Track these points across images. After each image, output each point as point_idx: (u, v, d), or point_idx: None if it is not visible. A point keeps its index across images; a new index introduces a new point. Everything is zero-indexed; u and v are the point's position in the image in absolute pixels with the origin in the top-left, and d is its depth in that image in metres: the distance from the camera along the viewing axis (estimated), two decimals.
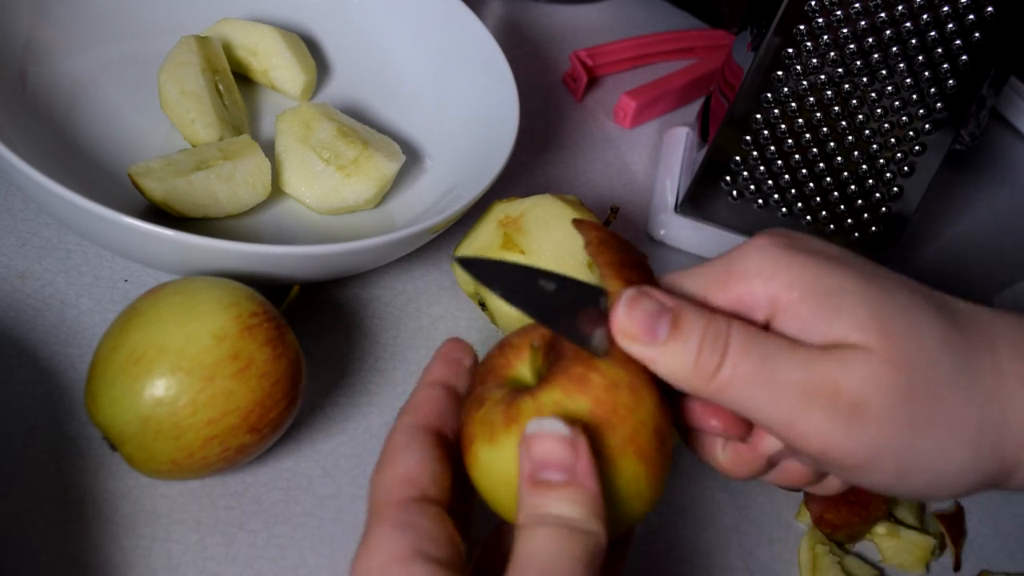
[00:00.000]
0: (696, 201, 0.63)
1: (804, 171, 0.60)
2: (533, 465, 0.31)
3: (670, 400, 0.36)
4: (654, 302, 0.33)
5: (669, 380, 0.33)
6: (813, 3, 0.54)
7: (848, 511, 0.51)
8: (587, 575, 0.30)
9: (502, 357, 0.36)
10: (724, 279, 0.35)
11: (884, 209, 0.61)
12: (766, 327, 0.34)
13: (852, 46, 0.56)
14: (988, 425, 0.33)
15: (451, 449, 0.35)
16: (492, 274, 0.35)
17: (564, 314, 0.34)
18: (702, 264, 0.36)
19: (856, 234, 0.62)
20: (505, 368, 0.36)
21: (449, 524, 0.33)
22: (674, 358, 0.33)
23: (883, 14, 0.54)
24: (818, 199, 0.61)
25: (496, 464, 0.34)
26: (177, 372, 0.40)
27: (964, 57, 0.55)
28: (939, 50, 0.55)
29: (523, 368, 0.36)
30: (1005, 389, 0.33)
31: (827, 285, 0.33)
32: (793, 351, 0.33)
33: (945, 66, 0.56)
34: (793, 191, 0.61)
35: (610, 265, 0.36)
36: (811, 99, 0.58)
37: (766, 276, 0.34)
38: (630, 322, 0.33)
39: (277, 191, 0.56)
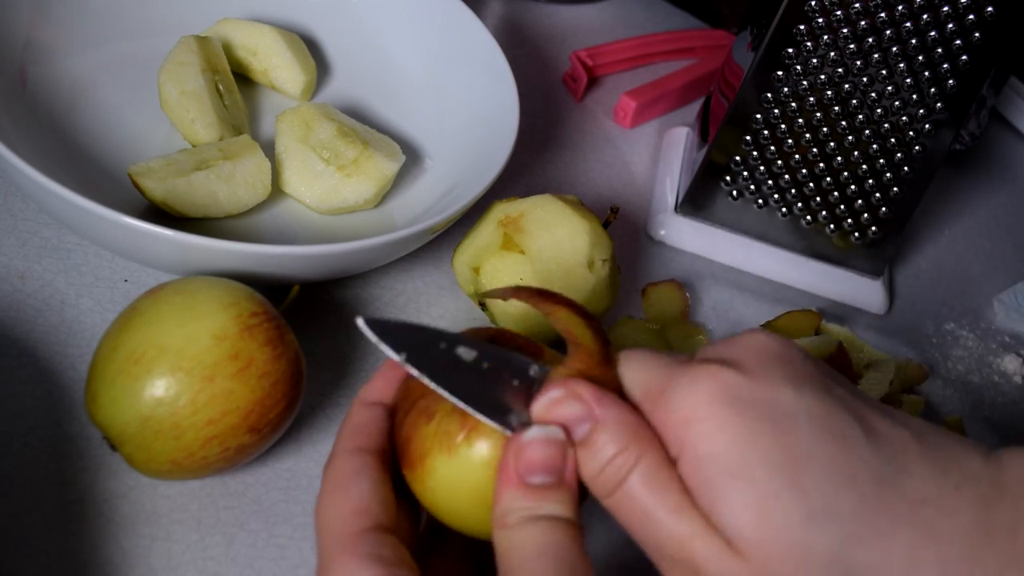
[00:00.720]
0: (696, 201, 0.63)
1: (804, 171, 0.60)
2: (524, 468, 0.32)
3: None
4: (576, 408, 0.33)
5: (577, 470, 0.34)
6: (813, 3, 0.54)
7: None
8: (584, 561, 0.31)
9: None
10: (660, 393, 0.33)
11: (884, 209, 0.61)
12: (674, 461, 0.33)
13: (852, 46, 0.56)
14: None
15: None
16: (401, 340, 0.33)
17: (481, 387, 0.33)
18: (661, 356, 0.35)
19: (856, 234, 0.63)
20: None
21: (405, 551, 0.33)
22: (582, 460, 0.33)
23: (883, 14, 0.54)
24: (818, 199, 0.61)
25: (457, 475, 0.34)
26: (177, 372, 0.40)
27: (964, 57, 0.55)
28: (939, 50, 0.55)
29: None
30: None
31: (732, 463, 0.31)
32: (679, 514, 0.32)
33: (945, 66, 0.56)
34: (793, 191, 0.61)
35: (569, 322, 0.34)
36: (811, 99, 0.58)
37: (684, 419, 0.32)
38: (545, 417, 0.33)
39: (277, 191, 0.56)
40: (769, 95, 0.58)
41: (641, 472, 0.32)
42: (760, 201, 0.62)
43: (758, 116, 0.59)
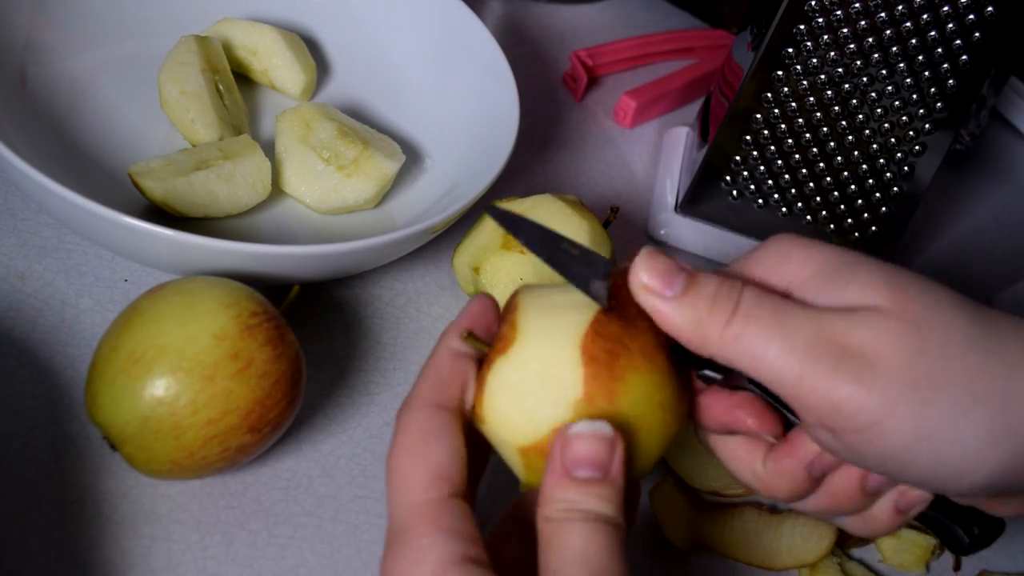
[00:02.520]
0: (696, 201, 0.63)
1: (804, 171, 0.60)
2: (569, 461, 0.32)
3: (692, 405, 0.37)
4: (671, 260, 0.34)
5: (680, 335, 0.34)
6: (813, 3, 0.54)
7: None
8: (621, 564, 0.31)
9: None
10: (744, 264, 0.35)
11: (884, 209, 0.61)
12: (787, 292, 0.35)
13: (852, 46, 0.56)
14: (1016, 392, 0.31)
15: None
16: (519, 225, 0.37)
17: (575, 265, 0.36)
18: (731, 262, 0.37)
19: (856, 234, 0.62)
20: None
21: (474, 520, 0.33)
22: (686, 311, 0.33)
23: (883, 14, 0.54)
24: (818, 199, 0.61)
25: (511, 381, 0.34)
26: (177, 372, 0.40)
27: (964, 57, 0.55)
28: (939, 50, 0.55)
29: None
30: None
31: (841, 260, 0.34)
32: (804, 308, 0.33)
33: (945, 66, 0.56)
34: (793, 191, 0.61)
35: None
36: (811, 99, 0.58)
37: (782, 256, 0.34)
38: (647, 274, 0.33)
39: (277, 191, 0.56)
40: (769, 95, 0.58)
41: (750, 290, 0.33)
42: (760, 201, 0.62)
43: (758, 116, 0.59)
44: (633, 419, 0.34)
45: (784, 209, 0.62)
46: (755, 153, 0.60)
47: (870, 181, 0.60)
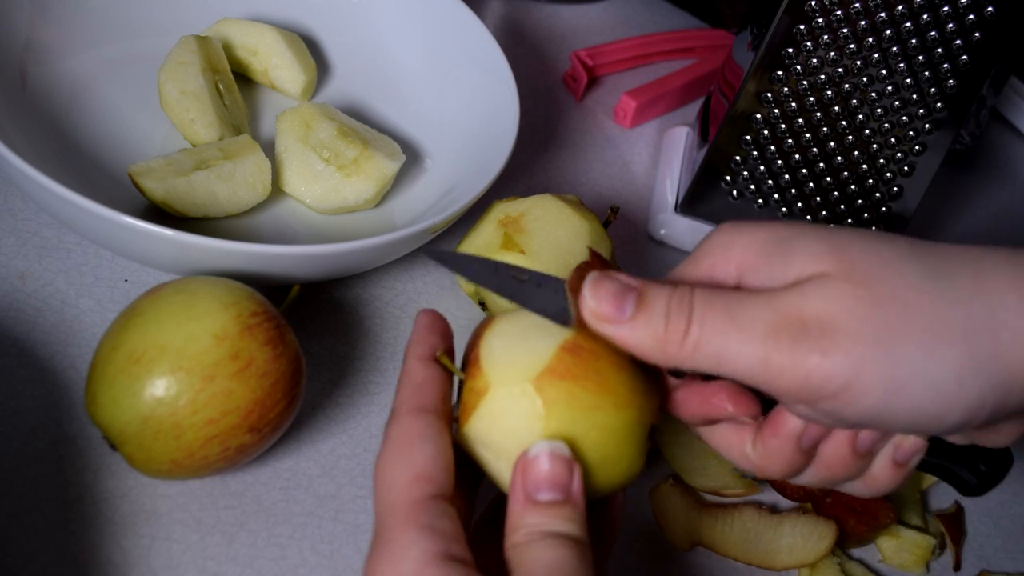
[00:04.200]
0: (696, 201, 0.63)
1: (804, 171, 0.60)
2: (531, 485, 0.33)
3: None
4: (618, 282, 0.34)
5: (642, 355, 0.34)
6: (813, 3, 0.54)
7: (856, 520, 0.51)
8: (592, 573, 0.32)
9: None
10: (692, 262, 0.36)
11: (884, 209, 0.61)
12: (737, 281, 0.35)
13: (852, 46, 0.56)
14: (976, 323, 0.32)
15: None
16: (464, 266, 0.38)
17: (531, 294, 0.36)
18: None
19: None
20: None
21: (459, 524, 0.33)
22: (644, 330, 0.33)
23: (883, 14, 0.54)
24: (818, 199, 0.61)
25: (490, 417, 0.35)
26: (177, 372, 0.40)
27: (964, 57, 0.55)
28: (939, 50, 0.55)
29: None
30: (988, 284, 0.32)
31: (781, 234, 0.34)
32: (755, 296, 0.33)
33: (945, 66, 0.56)
34: (793, 191, 0.61)
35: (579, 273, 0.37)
36: (811, 99, 0.58)
37: (726, 245, 0.35)
38: (597, 302, 0.34)
39: (277, 191, 0.56)
40: (769, 95, 0.58)
41: (701, 292, 0.33)
42: (760, 200, 0.62)
43: (758, 116, 0.59)
44: (589, 436, 0.35)
45: (784, 209, 0.62)
46: (755, 153, 0.60)
47: (870, 181, 0.60)
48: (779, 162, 0.60)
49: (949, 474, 0.39)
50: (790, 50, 0.56)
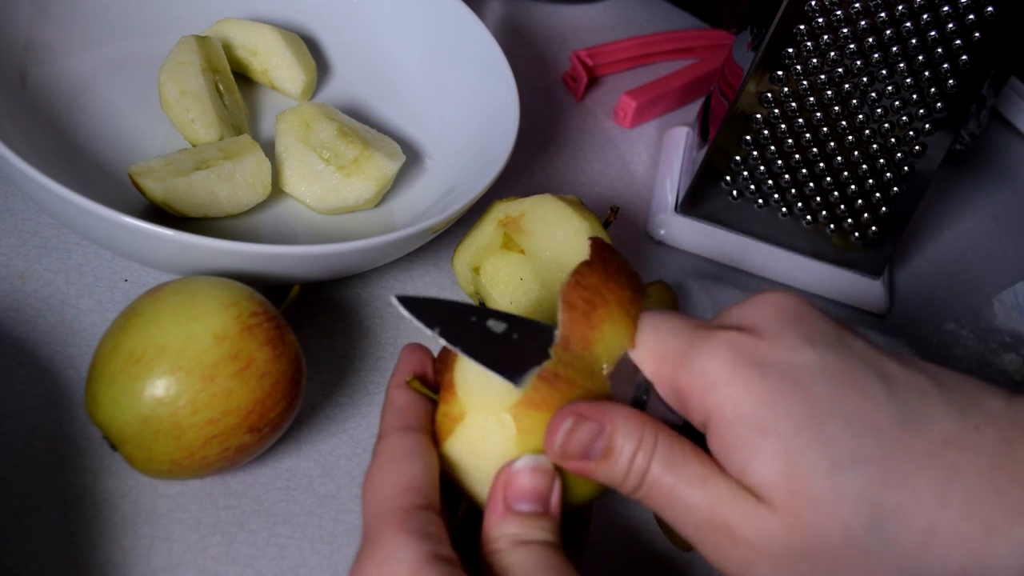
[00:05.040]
0: (696, 201, 0.63)
1: (804, 171, 0.60)
2: (512, 495, 0.34)
3: None
4: (590, 428, 0.34)
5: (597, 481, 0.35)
6: (813, 3, 0.54)
7: None
8: (573, 571, 0.34)
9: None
10: (681, 359, 0.34)
11: (884, 209, 0.61)
12: (704, 427, 0.34)
13: (852, 46, 0.56)
14: None
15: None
16: (432, 316, 0.36)
17: (506, 351, 0.35)
18: (685, 319, 0.36)
19: (856, 234, 0.62)
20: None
21: (444, 529, 0.34)
22: (606, 472, 0.34)
23: (883, 14, 0.54)
24: (818, 199, 0.61)
25: (466, 447, 0.36)
26: (177, 372, 0.40)
27: (964, 57, 0.55)
28: (939, 50, 0.55)
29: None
30: (936, 547, 0.31)
31: (760, 421, 0.32)
32: (704, 483, 0.33)
33: (945, 66, 0.56)
34: (793, 191, 0.61)
35: (572, 313, 0.36)
36: (811, 99, 0.58)
37: (710, 384, 0.33)
38: (566, 448, 0.34)
39: (277, 191, 0.56)
40: (769, 95, 0.58)
41: (660, 456, 0.34)
42: (760, 201, 0.62)
43: (758, 116, 0.59)
44: None
45: (784, 209, 0.62)
46: (755, 153, 0.60)
47: (870, 181, 0.60)
48: (779, 162, 0.60)
49: None
50: (790, 50, 0.56)
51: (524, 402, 0.35)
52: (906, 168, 0.60)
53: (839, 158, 0.60)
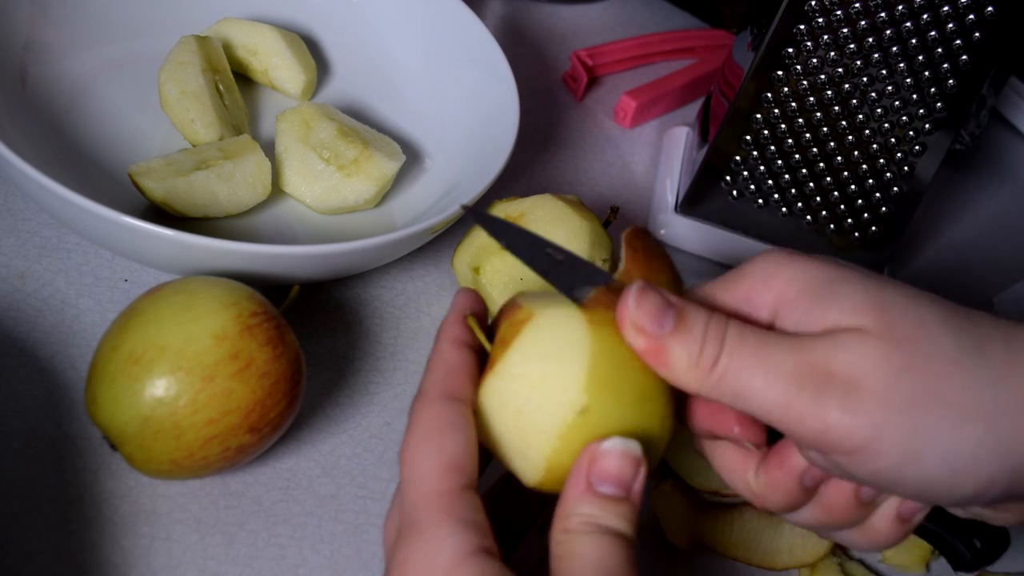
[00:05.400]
0: (696, 201, 0.63)
1: (804, 171, 0.60)
2: (596, 476, 0.33)
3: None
4: (661, 297, 0.34)
5: (669, 374, 0.34)
6: (813, 3, 0.54)
7: None
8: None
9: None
10: (731, 281, 0.35)
11: (884, 209, 0.61)
12: (771, 326, 0.34)
13: (852, 46, 0.56)
14: (1003, 405, 0.32)
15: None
16: (503, 231, 0.37)
17: (563, 274, 0.36)
18: (718, 277, 0.37)
19: (856, 234, 0.62)
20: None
21: (484, 512, 0.33)
22: (678, 350, 0.33)
23: (883, 14, 0.54)
24: (818, 199, 0.61)
25: (498, 394, 0.34)
26: (177, 372, 0.40)
27: (964, 57, 0.55)
28: (939, 50, 0.55)
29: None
30: (1021, 367, 0.32)
31: (827, 276, 0.34)
32: (787, 339, 0.33)
33: (945, 66, 0.56)
34: (793, 191, 0.61)
35: (635, 254, 0.37)
36: (811, 99, 0.58)
37: (769, 274, 0.34)
38: (639, 312, 0.33)
39: (277, 191, 0.56)
40: (769, 95, 0.58)
41: (734, 325, 0.33)
42: (760, 201, 0.62)
43: (758, 116, 0.59)
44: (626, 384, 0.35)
45: (784, 209, 0.62)
46: (755, 153, 0.60)
47: (870, 181, 0.60)
48: (779, 162, 0.60)
49: (944, 545, 0.38)
50: (790, 50, 0.56)
51: (593, 301, 0.35)
52: (906, 168, 0.59)
53: (839, 158, 0.60)
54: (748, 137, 0.60)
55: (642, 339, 0.33)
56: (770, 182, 0.61)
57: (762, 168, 0.61)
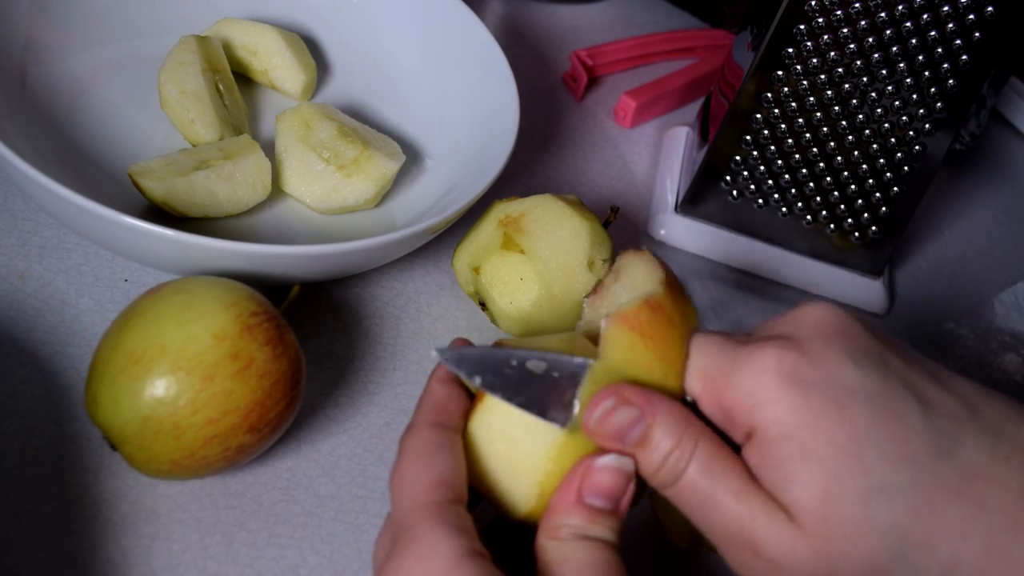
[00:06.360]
0: (696, 201, 0.63)
1: (804, 171, 0.60)
2: (588, 489, 0.34)
3: None
4: (630, 412, 0.34)
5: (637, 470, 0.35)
6: (813, 3, 0.54)
7: None
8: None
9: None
10: (726, 376, 0.35)
11: (884, 209, 0.61)
12: (750, 433, 0.34)
13: (852, 46, 0.56)
14: None
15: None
16: (475, 366, 0.36)
17: (540, 392, 0.35)
18: (729, 337, 0.36)
19: (856, 234, 0.62)
20: None
21: (474, 525, 0.34)
22: (641, 459, 0.35)
23: (883, 14, 0.54)
24: (818, 199, 0.61)
25: (483, 434, 0.36)
26: (177, 372, 0.40)
27: (964, 57, 0.55)
28: (939, 50, 0.55)
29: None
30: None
31: (802, 444, 0.33)
32: (738, 496, 0.33)
33: (945, 66, 0.56)
34: (793, 191, 0.61)
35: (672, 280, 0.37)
36: (811, 99, 0.58)
37: (756, 403, 0.34)
38: (600, 429, 0.34)
39: (277, 191, 0.56)
40: (769, 95, 0.58)
41: (699, 461, 0.34)
42: (760, 201, 0.62)
43: (758, 116, 0.59)
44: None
45: (784, 209, 0.62)
46: (755, 153, 0.60)
47: (870, 181, 0.60)
48: (779, 162, 0.60)
49: None
50: (790, 50, 0.56)
51: (622, 316, 0.35)
52: (906, 168, 0.60)
53: (839, 158, 0.60)
54: (748, 137, 0.60)
55: (603, 445, 0.35)
56: (770, 182, 0.61)
57: (762, 168, 0.61)
